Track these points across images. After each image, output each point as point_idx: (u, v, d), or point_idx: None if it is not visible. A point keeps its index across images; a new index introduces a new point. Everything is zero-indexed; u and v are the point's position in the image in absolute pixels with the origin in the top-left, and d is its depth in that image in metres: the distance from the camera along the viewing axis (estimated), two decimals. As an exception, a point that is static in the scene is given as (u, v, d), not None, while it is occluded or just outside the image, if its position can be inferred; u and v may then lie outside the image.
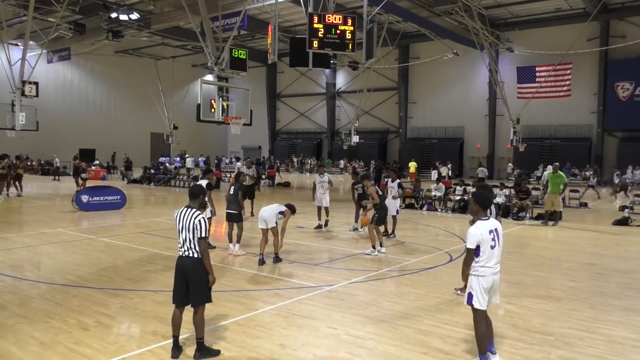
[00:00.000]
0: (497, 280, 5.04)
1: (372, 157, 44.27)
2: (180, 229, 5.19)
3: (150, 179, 30.15)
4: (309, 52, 14.81)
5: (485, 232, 4.88)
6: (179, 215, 5.24)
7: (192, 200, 5.36)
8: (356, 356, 5.35)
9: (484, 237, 4.86)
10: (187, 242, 5.12)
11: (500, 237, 5.04)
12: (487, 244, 4.88)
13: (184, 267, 5.14)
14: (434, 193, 19.59)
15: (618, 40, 32.89)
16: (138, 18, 29.21)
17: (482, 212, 5.08)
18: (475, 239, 4.86)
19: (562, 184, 15.53)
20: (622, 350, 5.58)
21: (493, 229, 4.95)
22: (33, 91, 23.27)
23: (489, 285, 4.94)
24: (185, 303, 5.20)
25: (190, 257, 5.13)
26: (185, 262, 5.14)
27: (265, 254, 9.52)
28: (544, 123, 38.34)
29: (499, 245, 5.00)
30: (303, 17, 29.50)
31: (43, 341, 5.54)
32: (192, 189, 5.52)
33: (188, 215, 5.15)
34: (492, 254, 4.92)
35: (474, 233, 4.88)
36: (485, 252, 4.89)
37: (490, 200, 5.68)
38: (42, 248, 10.77)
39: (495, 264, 4.97)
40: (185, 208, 5.24)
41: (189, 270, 5.11)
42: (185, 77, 47.99)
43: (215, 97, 19.68)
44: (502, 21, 38.00)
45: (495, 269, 4.97)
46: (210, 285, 5.24)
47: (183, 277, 5.15)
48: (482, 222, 4.96)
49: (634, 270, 9.54)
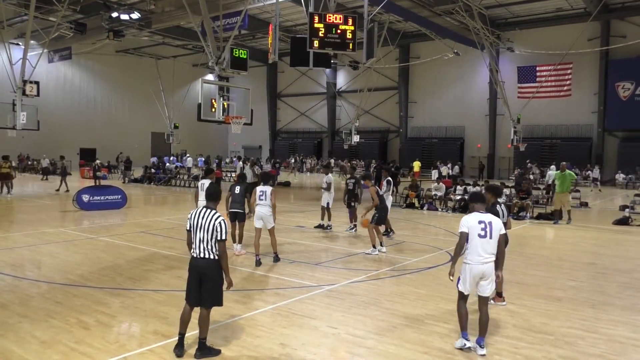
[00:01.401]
0: (488, 271, 5.33)
1: (373, 156, 44.26)
2: (197, 229, 5.13)
3: (150, 178, 30.17)
4: (310, 52, 14.79)
5: (474, 220, 5.37)
6: (196, 216, 5.18)
7: (211, 201, 5.34)
8: (356, 355, 5.36)
9: (471, 224, 5.35)
10: (204, 243, 5.08)
11: (493, 231, 5.36)
12: (474, 232, 5.32)
13: (199, 267, 5.12)
14: (435, 193, 19.60)
15: (618, 40, 32.91)
16: (139, 17, 29.20)
17: (479, 206, 5.57)
18: (465, 224, 5.38)
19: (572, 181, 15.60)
20: (622, 349, 5.58)
21: (485, 220, 5.38)
22: (34, 91, 23.25)
23: (476, 273, 5.32)
24: (197, 303, 5.18)
25: (205, 259, 5.10)
26: (201, 263, 5.11)
27: (261, 254, 9.51)
28: (544, 123, 38.33)
29: (490, 238, 5.33)
30: (304, 17, 29.53)
31: (44, 340, 5.54)
32: (210, 189, 5.45)
33: (207, 217, 5.11)
34: (481, 243, 5.30)
35: (464, 219, 5.44)
36: (473, 239, 5.32)
37: (484, 198, 6.16)
38: (42, 247, 10.78)
39: (487, 255, 5.31)
40: (205, 209, 5.21)
41: (204, 271, 5.10)
42: (186, 76, 48.00)
43: (216, 96, 19.65)
44: (503, 21, 38.00)
45: (485, 259, 5.31)
46: (227, 288, 5.23)
47: (197, 277, 5.12)
48: (475, 213, 5.48)
49: (635, 270, 9.54)
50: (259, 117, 40.38)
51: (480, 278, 5.35)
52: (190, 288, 5.19)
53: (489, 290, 5.40)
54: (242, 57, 19.07)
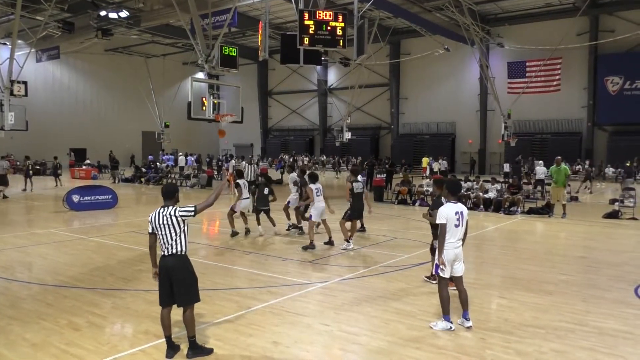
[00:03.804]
0: (459, 253, 5.94)
1: (365, 153, 44.29)
2: (160, 228, 5.11)
3: (141, 177, 30.00)
4: (300, 49, 14.77)
5: (452, 212, 5.86)
6: (156, 216, 5.15)
7: (168, 199, 5.27)
8: (350, 352, 5.36)
9: (449, 216, 5.83)
10: (170, 239, 5.07)
11: (464, 219, 5.96)
12: (451, 222, 5.84)
13: (168, 266, 5.08)
14: (426, 189, 19.63)
15: (607, 35, 33.13)
16: (127, 16, 28.96)
17: (451, 196, 6.06)
18: (444, 216, 5.81)
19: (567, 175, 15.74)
20: (613, 342, 5.63)
21: (459, 211, 5.91)
22: (22, 90, 23.00)
23: (451, 257, 5.87)
24: (170, 302, 5.13)
25: (173, 255, 5.08)
26: (169, 261, 5.08)
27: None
28: (534, 118, 38.55)
29: (462, 226, 5.94)
30: (294, 14, 29.37)
31: (34, 342, 5.49)
32: (168, 187, 5.43)
33: (166, 214, 5.10)
34: (456, 231, 5.87)
35: (442, 211, 5.87)
36: (450, 229, 5.83)
37: (460, 188, 6.82)
38: (33, 249, 10.69)
39: (458, 240, 5.90)
40: (163, 208, 5.17)
41: (172, 268, 5.06)
42: (176, 75, 47.74)
43: (206, 94, 19.57)
44: (493, 16, 38.15)
45: (457, 244, 5.90)
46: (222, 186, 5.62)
47: (167, 276, 5.08)
48: (450, 204, 5.95)
49: (625, 263, 9.62)
50: (250, 115, 40.22)
51: (454, 261, 5.89)
52: (163, 289, 5.13)
53: (461, 269, 5.99)
54: (232, 54, 19.00)
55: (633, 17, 33.71)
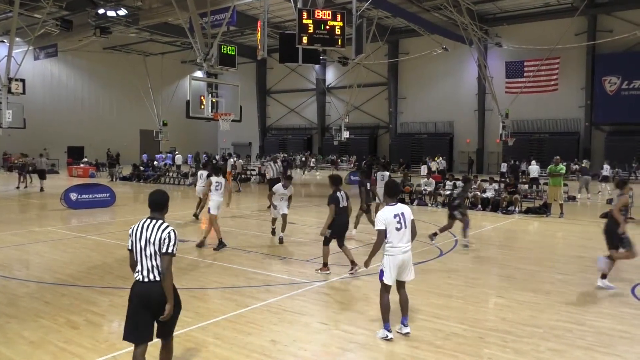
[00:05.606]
0: (407, 259, 5.63)
1: (363, 152, 44.30)
2: (141, 244, 4.13)
3: (139, 176, 29.96)
4: (299, 48, 14.75)
5: (389, 215, 5.53)
6: (139, 229, 4.19)
7: (157, 211, 4.27)
8: (348, 351, 5.38)
9: (388, 220, 5.50)
10: (153, 260, 4.09)
11: (407, 220, 5.61)
12: (392, 226, 5.51)
13: (151, 295, 4.07)
14: (424, 188, 19.65)
15: (605, 35, 33.18)
16: (126, 14, 28.96)
17: (389, 199, 5.75)
18: (382, 221, 5.51)
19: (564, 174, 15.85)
20: (610, 341, 5.65)
21: (399, 213, 5.59)
22: (20, 88, 23.01)
23: (398, 263, 5.56)
24: (149, 338, 4.19)
25: (155, 283, 4.09)
26: (153, 289, 4.08)
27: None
28: (532, 117, 38.57)
29: (406, 227, 5.59)
30: (292, 13, 29.31)
31: (33, 340, 5.50)
32: (157, 197, 4.32)
33: (154, 228, 4.13)
34: (399, 235, 5.54)
35: (380, 216, 5.56)
36: (392, 233, 5.51)
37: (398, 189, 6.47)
38: (30, 247, 10.68)
39: (405, 244, 5.58)
40: (149, 220, 4.21)
41: (158, 299, 4.07)
42: (175, 73, 47.66)
43: (205, 93, 19.59)
44: (491, 16, 38.15)
45: (404, 249, 5.58)
46: (165, 316, 4.09)
47: (147, 306, 4.08)
48: (388, 207, 5.63)
49: (621, 263, 9.63)
50: (248, 114, 40.11)
51: (401, 267, 5.61)
52: (137, 323, 4.11)
53: (408, 275, 5.71)
54: (231, 53, 19.02)
55: (631, 17, 33.75)
